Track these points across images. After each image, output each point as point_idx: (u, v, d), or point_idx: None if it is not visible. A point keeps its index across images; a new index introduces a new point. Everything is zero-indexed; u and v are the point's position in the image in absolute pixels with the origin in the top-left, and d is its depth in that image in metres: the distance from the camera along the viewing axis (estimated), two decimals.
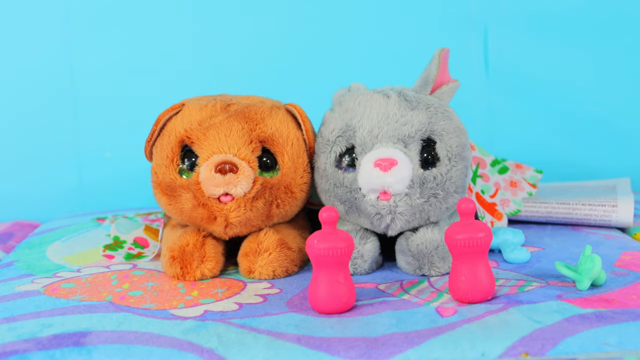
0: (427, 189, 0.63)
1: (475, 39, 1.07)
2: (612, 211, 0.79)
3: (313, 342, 0.50)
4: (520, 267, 0.66)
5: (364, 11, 1.06)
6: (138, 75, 1.06)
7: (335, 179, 0.66)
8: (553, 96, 1.08)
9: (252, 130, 0.66)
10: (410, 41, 1.06)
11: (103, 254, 0.75)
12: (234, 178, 0.63)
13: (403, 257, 0.66)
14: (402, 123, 0.64)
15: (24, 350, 0.51)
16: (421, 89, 0.67)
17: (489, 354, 0.48)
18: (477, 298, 0.56)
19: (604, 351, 0.48)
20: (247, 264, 0.67)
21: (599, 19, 1.06)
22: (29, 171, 1.06)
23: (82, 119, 1.06)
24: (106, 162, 1.07)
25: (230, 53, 1.06)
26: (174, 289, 0.64)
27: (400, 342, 0.50)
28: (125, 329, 0.54)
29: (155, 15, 1.05)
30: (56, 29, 1.04)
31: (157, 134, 0.69)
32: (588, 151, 1.08)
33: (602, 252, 0.69)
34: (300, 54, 1.06)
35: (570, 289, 0.59)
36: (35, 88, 1.05)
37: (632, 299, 0.56)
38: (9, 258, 0.77)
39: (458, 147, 0.65)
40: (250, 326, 0.54)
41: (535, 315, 0.53)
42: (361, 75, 0.91)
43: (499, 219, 0.77)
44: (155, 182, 0.68)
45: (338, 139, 0.66)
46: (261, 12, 1.06)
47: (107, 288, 0.64)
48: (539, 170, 0.88)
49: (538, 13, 1.06)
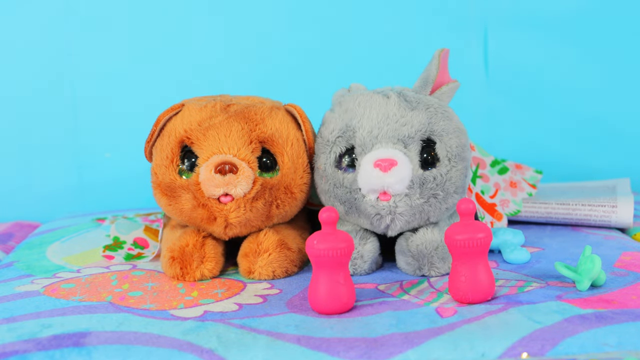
0: (426, 190, 0.63)
1: (475, 39, 1.07)
2: (612, 212, 0.79)
3: (313, 343, 0.50)
4: (520, 268, 0.66)
5: (364, 11, 1.06)
6: (138, 75, 1.06)
7: (335, 179, 0.66)
8: (553, 96, 1.08)
9: (252, 130, 0.66)
10: (410, 41, 1.06)
11: (103, 255, 0.75)
12: (234, 178, 0.63)
13: (403, 258, 0.66)
14: (402, 123, 0.64)
15: (24, 351, 0.51)
16: (421, 90, 0.67)
17: (488, 354, 0.48)
18: (477, 298, 0.56)
19: (604, 352, 0.48)
20: (246, 264, 0.67)
21: (599, 19, 1.06)
22: (29, 171, 1.06)
23: (82, 119, 1.06)
24: (106, 163, 1.07)
25: (230, 53, 1.06)
26: (173, 289, 0.64)
27: (400, 343, 0.50)
28: (125, 329, 0.54)
29: (155, 15, 1.05)
30: (56, 29, 1.04)
31: (157, 135, 0.69)
32: (588, 151, 1.08)
33: (602, 253, 0.69)
34: (300, 54, 1.06)
35: (570, 289, 0.59)
36: (35, 88, 1.05)
37: (632, 299, 0.56)
38: (8, 258, 0.77)
39: (458, 148, 0.65)
40: (250, 326, 0.54)
41: (535, 315, 0.53)
42: (361, 76, 0.91)
43: (498, 220, 0.77)
44: (155, 183, 0.68)
45: (338, 140, 0.66)
46: (261, 12, 1.06)
47: (107, 288, 0.64)
48: (538, 170, 0.88)
49: (538, 13, 1.06)
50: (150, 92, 1.05)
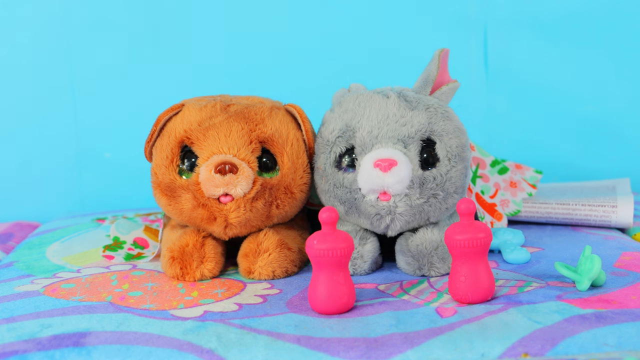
0: (426, 190, 0.63)
1: (475, 39, 1.07)
2: (612, 212, 0.79)
3: (313, 343, 0.50)
4: (520, 268, 0.66)
5: (364, 11, 1.06)
6: (138, 75, 1.06)
7: (335, 179, 0.66)
8: (553, 96, 1.08)
9: (252, 130, 0.66)
10: (410, 41, 1.06)
11: (103, 255, 0.75)
12: (234, 178, 0.63)
13: (403, 258, 0.66)
14: (402, 123, 0.64)
15: (23, 351, 0.51)
16: (421, 90, 0.67)
17: (488, 354, 0.48)
18: (477, 298, 0.56)
19: (604, 352, 0.48)
20: (246, 264, 0.67)
21: (599, 19, 1.06)
22: (29, 171, 1.07)
23: (82, 119, 1.06)
24: (106, 162, 1.07)
25: (230, 53, 1.06)
26: (173, 289, 0.64)
27: (400, 343, 0.50)
28: (125, 329, 0.54)
29: (155, 15, 1.05)
30: (56, 29, 1.04)
31: (157, 135, 0.69)
32: (588, 151, 1.08)
33: (602, 253, 0.69)
34: (301, 54, 1.06)
35: (570, 289, 0.59)
36: (35, 88, 1.05)
37: (631, 299, 0.56)
38: (8, 258, 0.77)
39: (458, 148, 0.65)
40: (250, 326, 0.54)
41: (535, 315, 0.53)
42: (361, 76, 0.91)
43: (498, 220, 0.77)
44: (155, 183, 0.68)
45: (338, 140, 0.66)
46: (261, 12, 1.06)
47: (106, 288, 0.64)
48: (538, 170, 0.88)
49: (538, 13, 1.06)
50: (150, 92, 1.05)
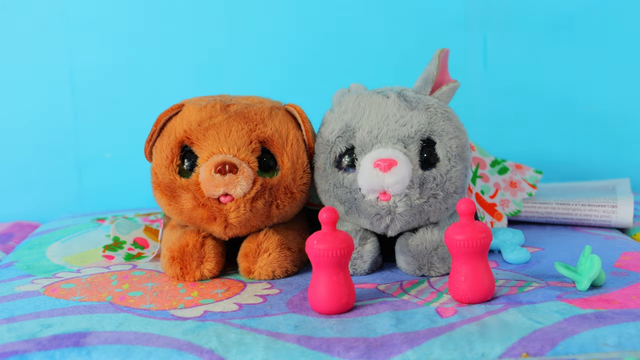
0: (426, 190, 0.63)
1: (475, 39, 1.07)
2: (612, 212, 0.79)
3: (313, 343, 0.50)
4: (520, 268, 0.66)
5: (364, 11, 1.06)
6: (138, 75, 1.06)
7: (335, 179, 0.66)
8: (553, 96, 1.08)
9: (252, 130, 0.66)
10: (410, 41, 1.06)
11: (103, 255, 0.75)
12: (234, 178, 0.63)
13: (403, 258, 0.66)
14: (402, 123, 0.64)
15: (24, 351, 0.51)
16: (421, 90, 0.67)
17: (488, 354, 0.48)
18: (477, 298, 0.56)
19: (604, 352, 0.48)
20: (246, 264, 0.67)
21: (599, 19, 1.06)
22: (29, 171, 1.07)
23: (82, 119, 1.06)
24: (106, 163, 1.07)
25: (230, 53, 1.06)
26: (173, 289, 0.64)
27: (400, 343, 0.50)
28: (125, 329, 0.54)
29: (155, 15, 1.05)
30: (56, 29, 1.04)
31: (157, 135, 0.69)
32: (588, 151, 1.08)
33: (602, 253, 0.69)
34: (301, 54, 1.06)
35: (570, 289, 0.59)
36: (35, 88, 1.05)
37: (631, 299, 0.56)
38: (8, 258, 0.77)
39: (458, 148, 0.65)
40: (250, 326, 0.54)
41: (535, 315, 0.53)
42: (361, 76, 0.91)
43: (498, 220, 0.77)
44: (155, 183, 0.68)
45: (338, 140, 0.66)
46: (261, 12, 1.06)
47: (106, 288, 0.64)
48: (538, 170, 0.88)
49: (538, 14, 1.06)
50: (150, 92, 1.06)
